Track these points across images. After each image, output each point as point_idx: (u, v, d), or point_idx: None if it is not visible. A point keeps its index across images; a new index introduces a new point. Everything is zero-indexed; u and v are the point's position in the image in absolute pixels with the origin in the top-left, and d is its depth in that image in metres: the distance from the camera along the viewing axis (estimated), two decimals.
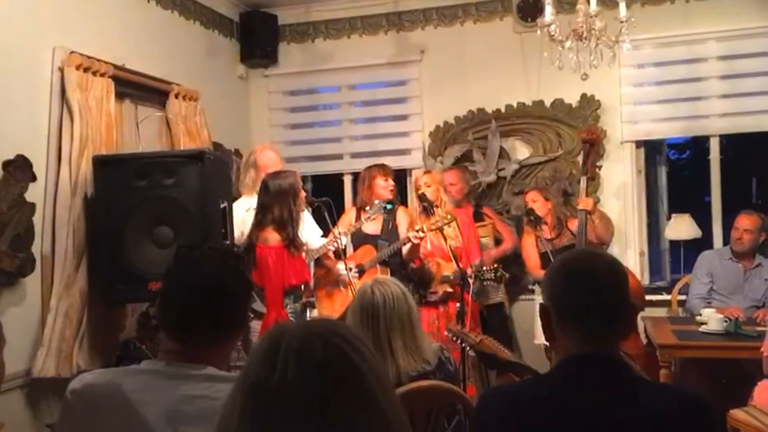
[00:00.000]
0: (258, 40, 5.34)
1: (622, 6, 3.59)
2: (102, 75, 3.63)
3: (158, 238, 3.28)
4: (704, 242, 4.96)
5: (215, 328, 1.47)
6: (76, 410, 1.44)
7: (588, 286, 1.50)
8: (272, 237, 3.46)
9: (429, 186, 4.37)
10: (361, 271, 4.17)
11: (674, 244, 5.16)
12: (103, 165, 3.35)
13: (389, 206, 4.18)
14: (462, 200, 4.72)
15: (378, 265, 4.21)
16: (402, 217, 4.45)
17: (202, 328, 1.45)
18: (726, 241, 4.56)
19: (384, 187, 4.34)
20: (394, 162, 4.90)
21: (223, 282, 1.48)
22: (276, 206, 3.46)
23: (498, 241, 4.74)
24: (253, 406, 0.91)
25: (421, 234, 4.04)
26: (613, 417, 1.41)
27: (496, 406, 1.52)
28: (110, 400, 1.41)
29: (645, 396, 1.46)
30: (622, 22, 3.57)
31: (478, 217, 4.72)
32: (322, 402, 0.89)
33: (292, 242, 3.47)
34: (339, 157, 5.53)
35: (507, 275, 4.35)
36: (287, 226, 3.44)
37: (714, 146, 4.96)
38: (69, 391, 1.47)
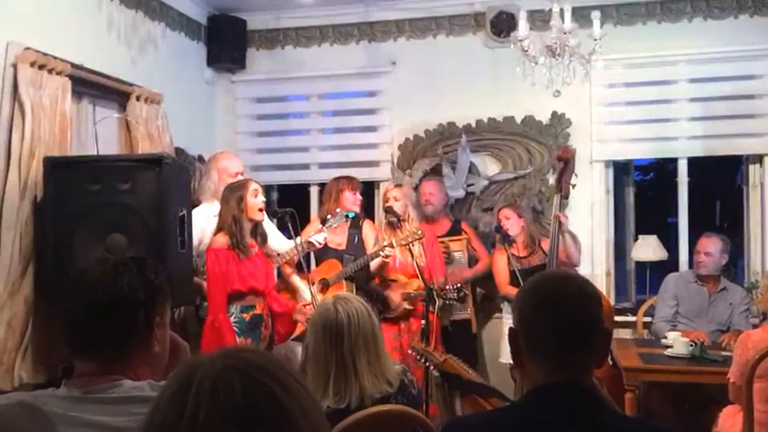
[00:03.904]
0: (226, 45, 5.22)
1: (596, 23, 3.57)
2: (58, 73, 3.47)
3: (111, 245, 3.11)
4: (670, 264, 4.95)
5: (114, 337, 1.39)
6: None
7: (557, 310, 1.42)
8: (218, 240, 3.53)
9: (398, 200, 4.30)
10: (326, 286, 4.06)
11: (640, 265, 5.15)
12: (55, 167, 3.18)
13: (351, 215, 4.09)
14: (440, 212, 4.63)
15: (343, 280, 4.10)
16: (368, 230, 4.38)
17: (100, 341, 1.39)
18: (692, 263, 4.55)
19: (352, 201, 4.24)
20: (362, 174, 4.81)
21: (113, 289, 1.40)
22: (224, 212, 3.55)
23: (471, 258, 4.65)
24: None
25: (389, 251, 3.95)
26: None
27: None
28: (25, 418, 1.30)
29: (615, 430, 1.38)
30: (595, 39, 3.54)
31: (455, 230, 4.64)
32: None
33: (239, 245, 3.48)
34: (306, 167, 5.41)
35: (469, 295, 4.26)
36: (232, 230, 3.49)
37: (682, 168, 4.96)
38: None
